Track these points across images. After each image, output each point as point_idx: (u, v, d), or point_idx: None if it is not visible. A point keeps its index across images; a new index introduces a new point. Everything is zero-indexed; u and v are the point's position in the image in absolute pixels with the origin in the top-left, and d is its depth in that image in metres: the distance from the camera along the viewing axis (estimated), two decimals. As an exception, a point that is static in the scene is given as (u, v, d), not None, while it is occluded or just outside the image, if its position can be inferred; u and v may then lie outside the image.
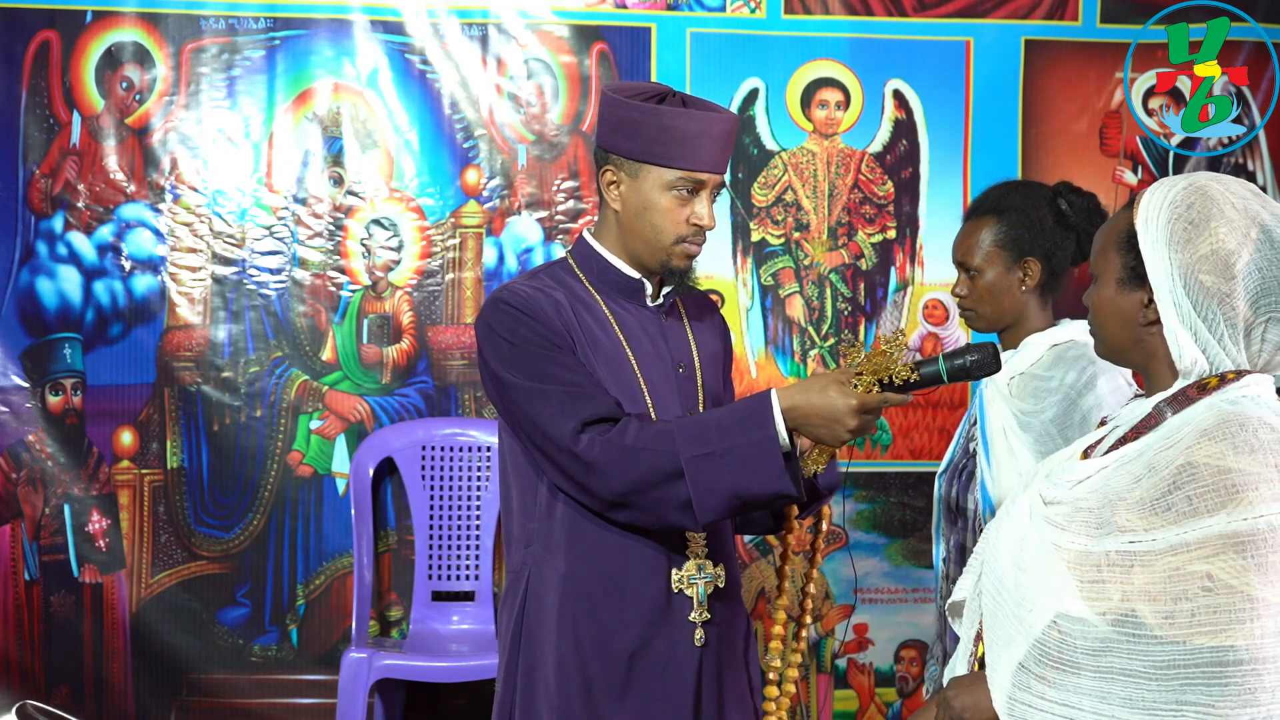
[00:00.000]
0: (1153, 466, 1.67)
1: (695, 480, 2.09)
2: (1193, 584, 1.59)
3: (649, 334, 2.33)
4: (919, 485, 4.04)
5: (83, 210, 3.86)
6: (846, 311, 4.02)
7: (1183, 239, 1.71)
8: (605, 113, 2.26)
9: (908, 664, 4.06)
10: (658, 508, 2.14)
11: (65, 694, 3.88)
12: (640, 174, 2.22)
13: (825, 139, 4.00)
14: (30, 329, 3.86)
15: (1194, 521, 1.61)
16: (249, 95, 3.90)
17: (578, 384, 2.18)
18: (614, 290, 2.31)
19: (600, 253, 2.32)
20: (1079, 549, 1.69)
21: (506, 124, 3.95)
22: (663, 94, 2.23)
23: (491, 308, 2.24)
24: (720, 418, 2.14)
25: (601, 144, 2.27)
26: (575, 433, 2.13)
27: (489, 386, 2.28)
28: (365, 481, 3.86)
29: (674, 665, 2.25)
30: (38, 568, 3.87)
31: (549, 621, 2.24)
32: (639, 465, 2.11)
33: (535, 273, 2.36)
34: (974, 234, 2.64)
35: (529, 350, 2.20)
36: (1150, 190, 1.77)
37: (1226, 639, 1.57)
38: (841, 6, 3.98)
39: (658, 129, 2.18)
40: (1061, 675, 1.67)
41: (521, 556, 2.29)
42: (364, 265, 3.94)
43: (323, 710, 3.86)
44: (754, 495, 2.11)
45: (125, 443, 3.90)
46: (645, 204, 2.23)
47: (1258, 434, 1.64)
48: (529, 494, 2.28)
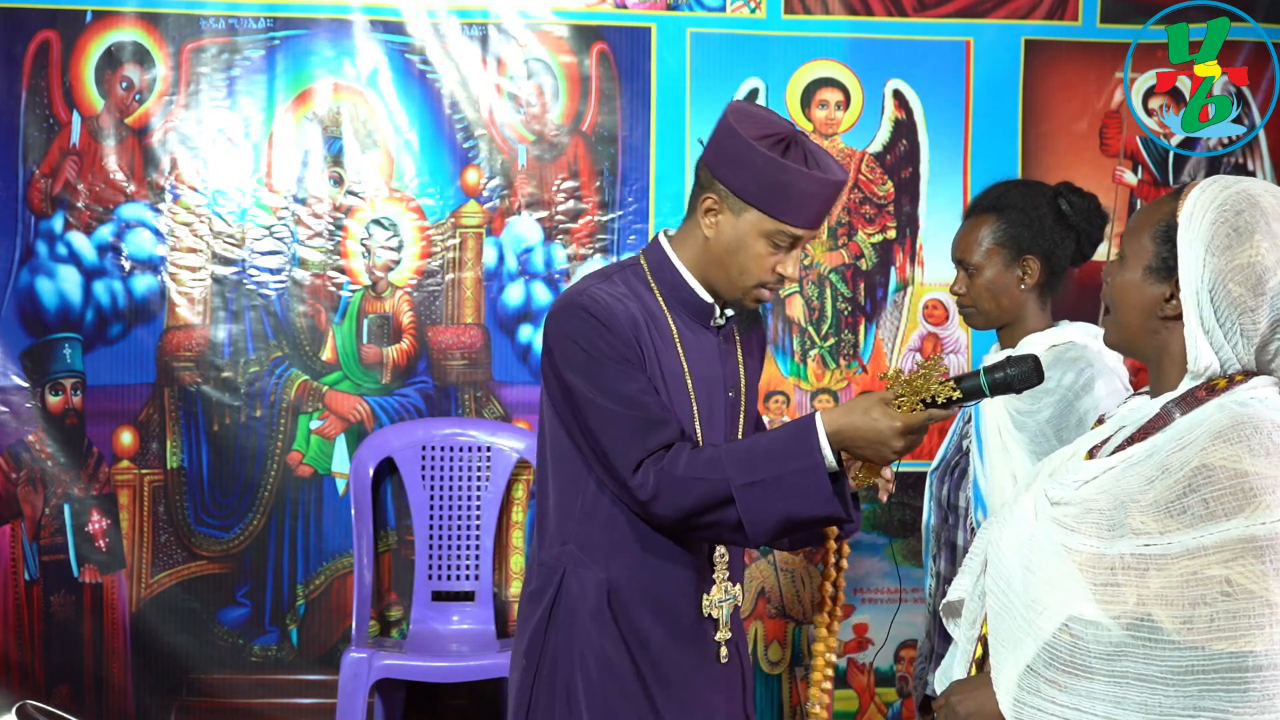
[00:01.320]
0: (1166, 468, 1.66)
1: (746, 507, 2.14)
2: (1211, 589, 1.58)
3: (707, 356, 2.36)
4: (919, 485, 4.01)
5: (83, 210, 3.86)
6: (846, 311, 4.02)
7: (1223, 244, 1.69)
8: (725, 142, 2.24)
9: (908, 664, 4.05)
10: (714, 529, 2.21)
11: (65, 694, 3.88)
12: (743, 214, 2.23)
13: (825, 139, 4.00)
14: (30, 329, 3.86)
15: (1211, 525, 1.60)
16: (249, 95, 3.90)
17: (645, 407, 2.21)
18: (683, 308, 2.33)
19: (678, 268, 2.33)
20: (1092, 551, 1.67)
21: (506, 124, 3.95)
22: (787, 139, 2.22)
23: (570, 312, 2.25)
24: (769, 444, 2.18)
25: (711, 169, 2.26)
26: (634, 467, 2.18)
27: (554, 389, 2.29)
28: (365, 481, 3.86)
29: (703, 680, 2.34)
30: (38, 568, 3.87)
31: (585, 622, 2.28)
32: (691, 494, 2.17)
33: (609, 275, 2.35)
34: (973, 231, 2.65)
35: (603, 364, 2.22)
36: (1202, 186, 1.74)
37: (1246, 644, 1.56)
38: (841, 6, 3.98)
39: (777, 182, 2.19)
40: (1073, 679, 1.65)
41: (557, 554, 2.32)
42: (364, 265, 3.94)
43: (323, 710, 3.86)
44: (804, 519, 2.16)
45: (125, 443, 3.90)
46: (740, 243, 2.24)
47: (1272, 437, 1.63)
48: (570, 492, 2.31)
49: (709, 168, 2.27)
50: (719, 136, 2.26)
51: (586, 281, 2.33)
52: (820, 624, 2.51)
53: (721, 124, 2.27)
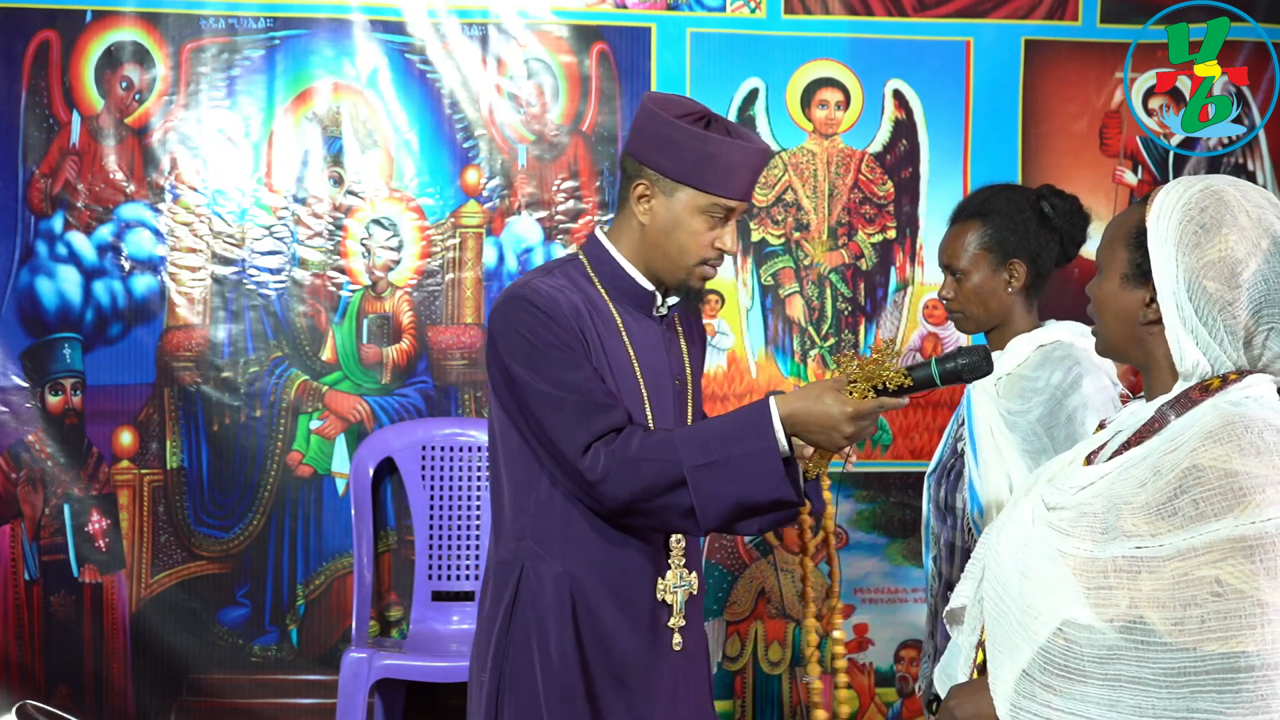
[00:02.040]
0: (1158, 470, 1.65)
1: (698, 489, 2.15)
2: (1201, 589, 1.57)
3: (653, 345, 2.37)
4: (919, 485, 4.02)
5: (82, 210, 3.86)
6: (847, 311, 4.02)
7: (1192, 242, 1.69)
8: (647, 127, 2.28)
9: (908, 664, 4.06)
10: (663, 514, 2.19)
11: (65, 694, 3.87)
12: (675, 193, 2.26)
13: (825, 139, 4.00)
14: (30, 329, 3.86)
15: (1201, 526, 1.59)
16: (249, 95, 3.90)
17: (591, 392, 2.22)
18: (625, 298, 2.35)
19: (616, 258, 2.35)
20: (1085, 555, 1.67)
21: (506, 124, 3.95)
22: (706, 117, 2.26)
23: (513, 304, 2.26)
24: (720, 426, 2.20)
25: (637, 156, 2.29)
26: (582, 450, 2.18)
27: (498, 381, 2.29)
28: (365, 481, 3.86)
29: (657, 669, 2.33)
30: (38, 568, 3.87)
31: (547, 616, 2.28)
32: (642, 476, 2.16)
33: (550, 270, 2.36)
34: (960, 237, 2.68)
35: (548, 352, 2.23)
36: (1166, 189, 1.75)
37: (1237, 645, 1.56)
38: (841, 6, 3.98)
39: (703, 155, 2.23)
40: (1068, 683, 1.65)
41: (514, 550, 2.32)
42: (364, 265, 3.94)
43: (323, 710, 3.86)
44: (755, 502, 2.17)
45: (125, 443, 3.90)
46: (676, 223, 2.27)
47: (1263, 436, 1.62)
48: (524, 488, 2.31)
49: (634, 157, 2.30)
50: (641, 124, 2.29)
51: (528, 276, 2.34)
52: (809, 614, 2.51)
53: (642, 112, 2.30)
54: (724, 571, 4.01)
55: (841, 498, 4.02)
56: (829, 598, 2.62)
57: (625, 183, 2.33)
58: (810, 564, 2.51)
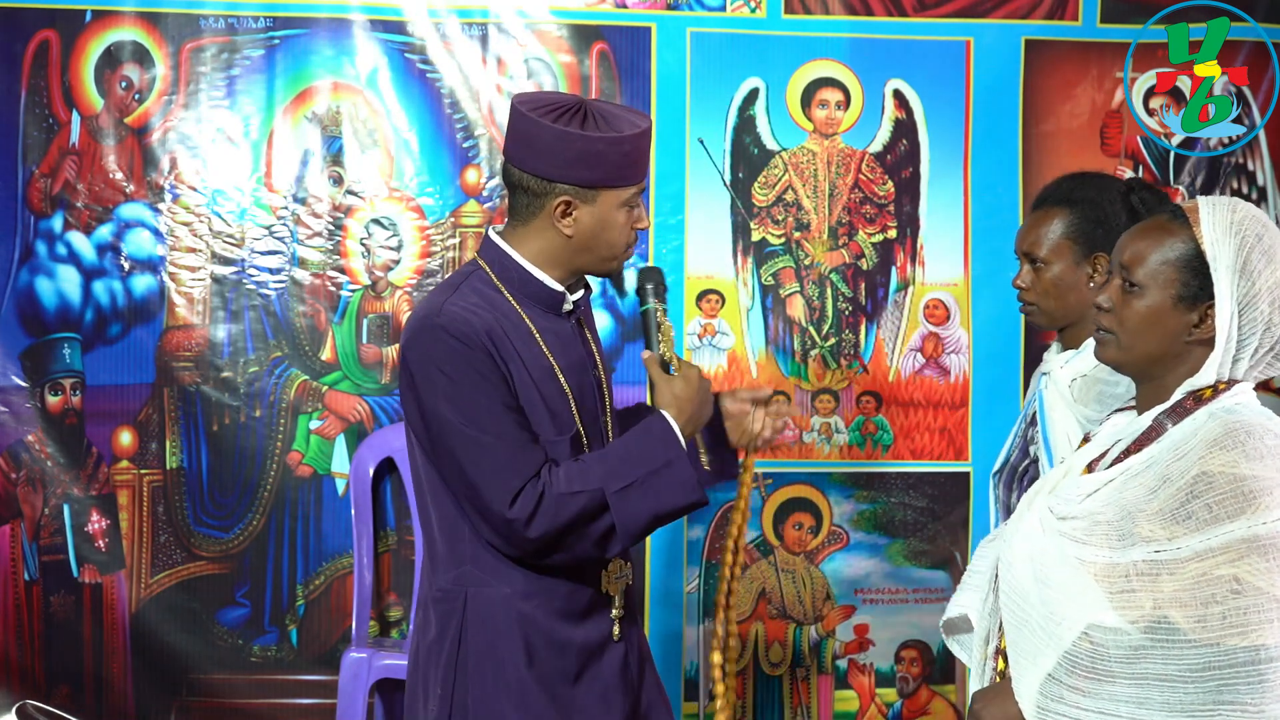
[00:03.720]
0: (1167, 477, 1.74)
1: (620, 511, 2.21)
2: (1221, 587, 1.67)
3: (567, 344, 2.37)
4: (919, 486, 4.04)
5: (82, 210, 3.86)
6: (847, 311, 4.02)
7: (1257, 268, 1.79)
8: (556, 147, 2.25)
9: (908, 664, 4.05)
10: (580, 543, 2.23)
11: (65, 694, 3.87)
12: (599, 199, 2.29)
13: (825, 139, 4.00)
14: (29, 329, 3.85)
15: (1216, 528, 1.68)
16: (248, 95, 3.89)
17: (513, 434, 2.22)
18: (533, 302, 2.34)
19: (521, 264, 2.33)
20: (1105, 561, 1.75)
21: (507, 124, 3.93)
22: (581, 108, 2.27)
23: (428, 334, 2.23)
24: (627, 448, 2.27)
25: (543, 174, 2.27)
26: (512, 496, 2.19)
27: (414, 416, 2.28)
28: (365, 481, 3.85)
29: (603, 658, 2.36)
30: (37, 568, 3.87)
31: (498, 638, 2.28)
32: (569, 509, 2.20)
33: (456, 285, 2.33)
34: (1043, 224, 2.56)
35: (467, 387, 2.21)
36: (1208, 211, 1.83)
37: (1258, 638, 1.65)
38: (841, 6, 3.98)
39: (620, 155, 2.26)
40: (1096, 684, 1.73)
41: (454, 578, 2.30)
42: (364, 265, 3.93)
43: (323, 710, 3.85)
44: (672, 511, 2.26)
45: (124, 443, 3.89)
46: (605, 224, 2.30)
47: (1264, 441, 1.73)
48: (455, 514, 2.29)
49: (538, 174, 2.28)
50: (546, 146, 2.25)
51: (438, 297, 2.31)
52: (722, 581, 2.59)
53: (526, 123, 2.27)
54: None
55: (842, 498, 4.02)
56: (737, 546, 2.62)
57: (531, 199, 2.30)
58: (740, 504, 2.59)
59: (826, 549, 4.03)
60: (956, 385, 4.03)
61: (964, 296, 4.02)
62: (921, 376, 4.03)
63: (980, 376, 4.03)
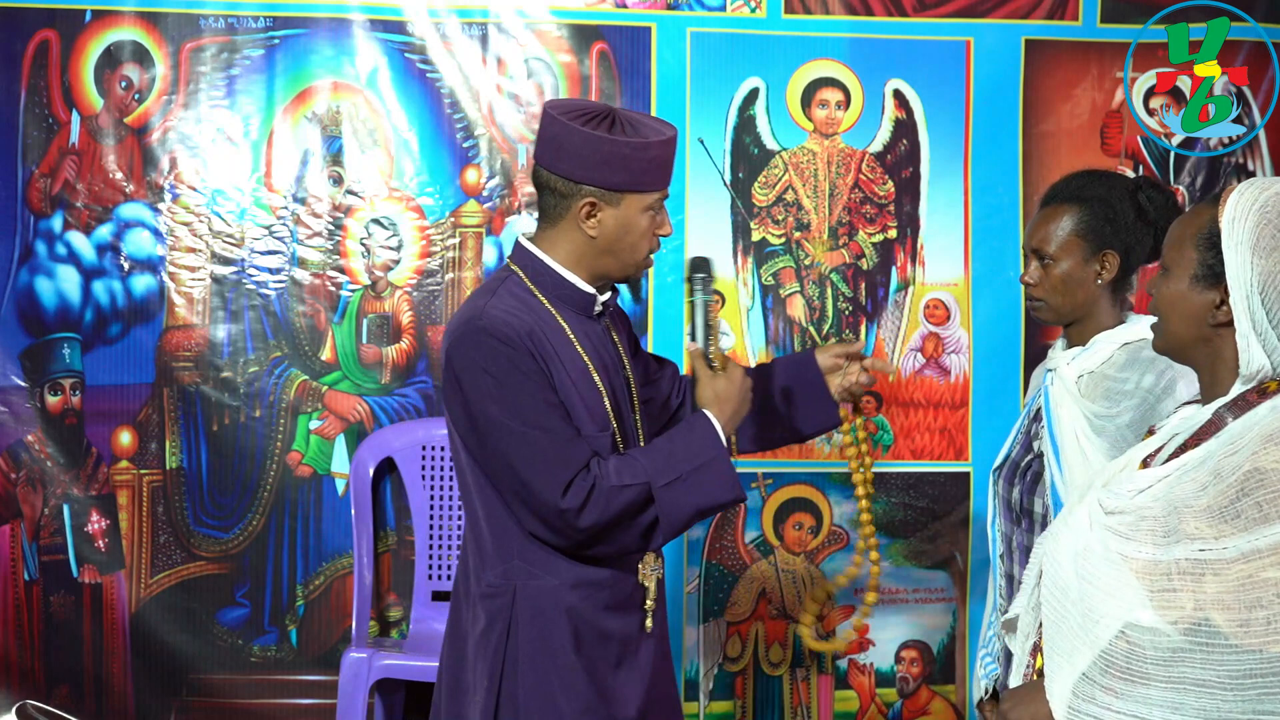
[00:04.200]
0: (1218, 473, 1.66)
1: (664, 505, 2.29)
2: (1267, 591, 1.58)
3: (600, 345, 2.45)
4: (920, 485, 4.04)
5: (82, 210, 3.85)
6: (847, 311, 4.02)
7: (1270, 245, 1.70)
8: (583, 150, 2.31)
9: (908, 664, 4.05)
10: (624, 536, 2.32)
11: (65, 694, 3.87)
12: (623, 202, 2.35)
13: (826, 139, 4.00)
14: (29, 329, 3.85)
15: (1265, 528, 1.59)
16: (248, 95, 3.89)
17: (561, 429, 2.30)
18: (566, 305, 2.41)
19: (553, 267, 2.40)
20: (1147, 558, 1.67)
21: (506, 123, 3.94)
22: (610, 115, 2.34)
23: (472, 339, 2.30)
24: (672, 444, 2.35)
25: (570, 175, 2.34)
26: (564, 487, 2.26)
27: (459, 416, 2.33)
28: (365, 481, 3.85)
29: (639, 648, 2.44)
30: (37, 568, 3.87)
31: (548, 627, 2.35)
32: (617, 501, 2.28)
33: (494, 290, 2.39)
34: (1052, 220, 2.55)
35: (512, 387, 2.28)
36: (1240, 190, 1.75)
37: None
38: (842, 6, 3.98)
39: (645, 161, 2.33)
40: (1130, 686, 1.66)
41: (503, 572, 2.37)
42: (363, 265, 3.93)
43: (323, 710, 3.85)
44: (713, 506, 2.36)
45: (124, 443, 3.89)
46: (627, 228, 2.37)
47: None
48: (501, 515, 2.36)
49: (567, 176, 2.34)
50: (574, 148, 2.32)
51: (477, 301, 2.38)
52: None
53: (557, 126, 2.33)
54: (724, 572, 4.00)
55: (842, 498, 4.02)
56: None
57: (558, 200, 2.37)
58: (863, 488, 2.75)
59: (827, 549, 4.03)
60: (956, 385, 4.03)
61: (964, 296, 4.02)
62: (922, 376, 4.03)
63: (980, 376, 4.03)
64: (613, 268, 2.41)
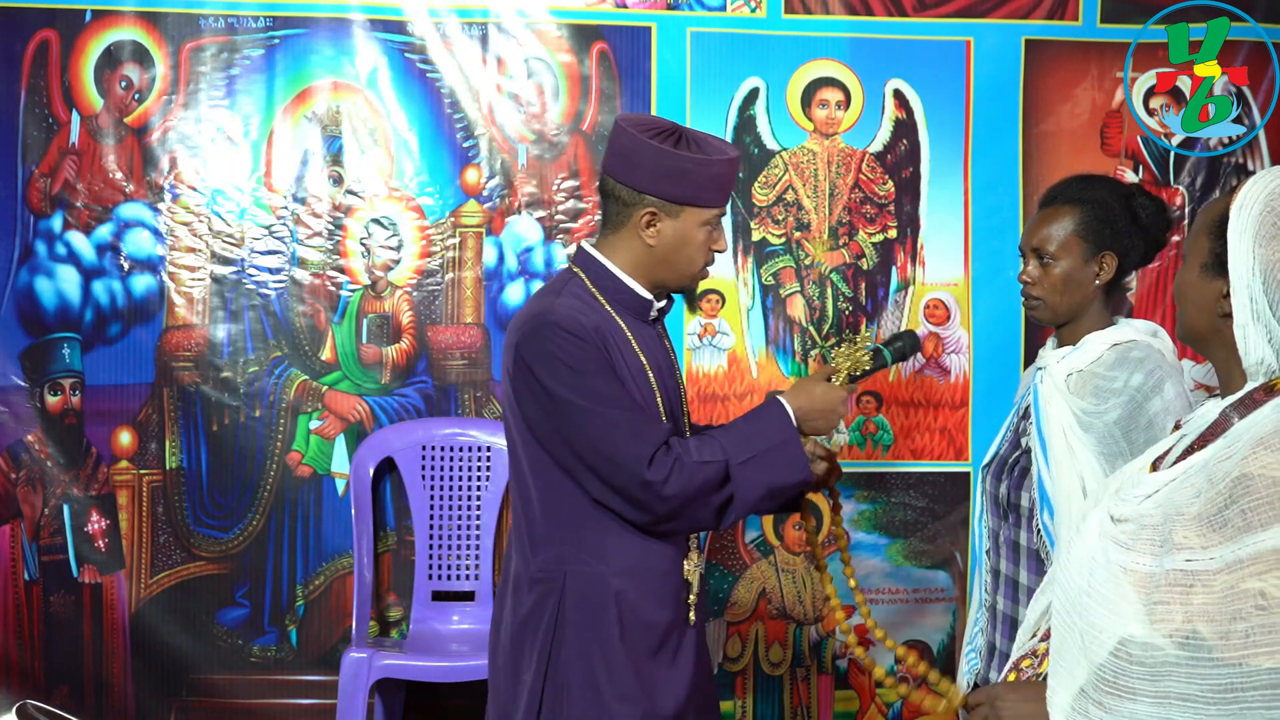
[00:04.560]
0: (1211, 478, 1.60)
1: (739, 483, 2.39)
2: (1246, 603, 1.52)
3: (655, 348, 2.55)
4: (920, 485, 4.04)
5: (81, 210, 3.85)
6: (847, 311, 4.01)
7: (1270, 233, 1.64)
8: (647, 160, 2.42)
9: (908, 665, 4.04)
10: (700, 512, 2.41)
11: (65, 694, 3.87)
12: (681, 214, 2.46)
13: (826, 138, 4.00)
14: (29, 329, 3.85)
15: (1248, 537, 1.53)
16: (248, 94, 3.89)
17: (637, 407, 2.41)
18: (625, 308, 2.51)
19: (615, 273, 2.50)
20: (1145, 570, 1.63)
21: (507, 123, 3.94)
22: (678, 133, 2.45)
23: (546, 331, 2.39)
24: (745, 426, 2.47)
25: (635, 185, 2.45)
26: (648, 460, 2.35)
27: (529, 404, 2.41)
28: (365, 481, 3.85)
29: (682, 642, 2.53)
30: (37, 568, 3.87)
31: (596, 614, 2.43)
32: (698, 476, 2.37)
33: (559, 290, 2.49)
34: (1053, 221, 2.60)
35: (590, 375, 2.38)
36: (1255, 179, 1.69)
37: None
38: (842, 6, 3.98)
39: (707, 177, 2.43)
40: (1118, 701, 1.61)
41: (554, 557, 2.45)
42: (363, 265, 3.93)
43: (323, 710, 3.85)
44: (784, 487, 2.44)
45: (124, 443, 3.89)
46: (684, 240, 2.47)
47: None
48: (556, 500, 2.44)
49: (631, 185, 2.45)
50: (629, 151, 2.44)
51: (545, 300, 2.47)
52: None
53: (626, 138, 2.45)
54: (725, 572, 4.00)
55: (843, 498, 4.01)
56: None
57: (621, 208, 2.48)
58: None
59: (827, 549, 4.03)
60: (957, 385, 4.03)
61: (964, 296, 4.02)
62: (922, 376, 4.03)
63: (980, 376, 4.03)
64: (669, 277, 2.52)
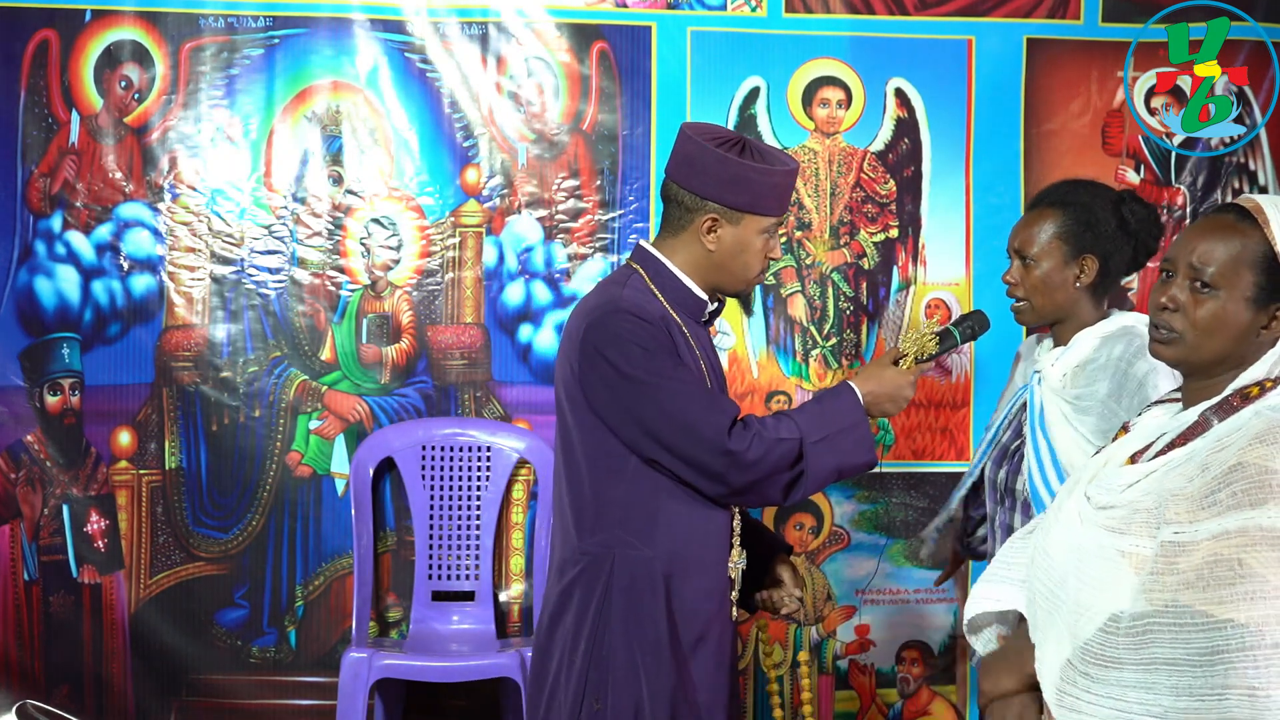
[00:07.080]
0: (1205, 466, 1.76)
1: (810, 461, 2.45)
2: (1226, 570, 1.67)
3: (707, 347, 2.63)
4: (921, 486, 4.03)
5: (81, 210, 3.85)
6: (848, 311, 4.01)
7: None
8: (713, 169, 2.48)
9: (909, 665, 4.05)
10: (771, 488, 2.47)
11: (65, 694, 3.86)
12: (742, 222, 2.52)
13: (827, 138, 4.00)
14: (28, 329, 3.85)
15: (1235, 513, 1.69)
16: (248, 94, 3.89)
17: (708, 386, 2.50)
18: (681, 307, 2.57)
19: (674, 272, 2.57)
20: (1146, 553, 1.77)
21: (507, 123, 3.94)
22: (741, 142, 2.52)
23: (616, 317, 2.46)
24: (818, 407, 2.53)
25: (699, 191, 2.51)
26: (728, 429, 2.41)
27: (603, 393, 2.46)
28: (365, 481, 3.85)
29: (724, 636, 2.58)
30: (37, 568, 3.86)
31: (641, 598, 2.47)
32: (776, 451, 2.43)
33: (621, 283, 2.55)
34: (1035, 223, 2.66)
35: (663, 355, 2.45)
36: (1273, 210, 1.85)
37: (1262, 622, 1.65)
38: (842, 5, 3.98)
39: (768, 186, 2.50)
40: (1104, 670, 1.75)
41: (603, 540, 2.49)
42: (363, 264, 3.93)
43: (323, 711, 3.85)
44: (852, 467, 2.51)
45: (123, 443, 3.88)
46: (743, 246, 2.54)
47: None
48: (609, 481, 2.49)
49: (694, 191, 2.52)
50: (693, 157, 2.50)
51: (610, 291, 2.54)
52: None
53: (691, 145, 2.51)
54: (725, 572, 3.99)
55: (843, 498, 4.01)
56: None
57: (683, 213, 2.54)
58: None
59: (828, 549, 4.03)
60: (958, 385, 4.03)
61: (965, 296, 4.02)
62: (923, 376, 4.02)
63: (981, 376, 4.03)
64: (725, 282, 2.58)
